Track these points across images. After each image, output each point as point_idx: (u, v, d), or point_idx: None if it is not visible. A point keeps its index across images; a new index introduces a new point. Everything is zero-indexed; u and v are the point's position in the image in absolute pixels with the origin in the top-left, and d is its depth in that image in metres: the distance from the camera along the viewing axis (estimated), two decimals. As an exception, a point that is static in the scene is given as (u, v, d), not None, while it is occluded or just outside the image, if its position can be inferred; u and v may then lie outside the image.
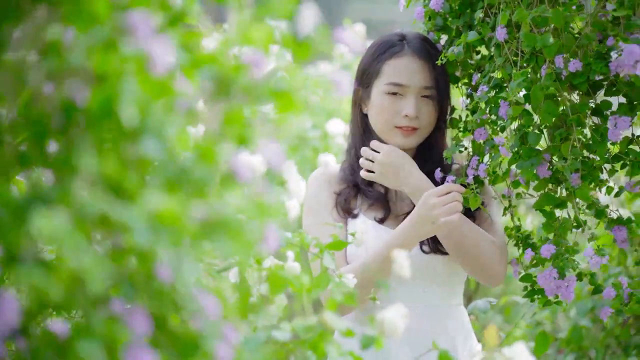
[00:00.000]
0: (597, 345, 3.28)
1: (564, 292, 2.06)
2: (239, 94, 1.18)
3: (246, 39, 1.20)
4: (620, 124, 1.99)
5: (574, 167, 2.00)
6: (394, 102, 2.26)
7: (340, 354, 1.50)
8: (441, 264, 2.26)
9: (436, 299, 2.28)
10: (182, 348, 1.15)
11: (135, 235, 1.04)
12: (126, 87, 1.04)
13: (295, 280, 1.59)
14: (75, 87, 1.05)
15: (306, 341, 1.50)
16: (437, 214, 2.11)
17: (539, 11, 1.95)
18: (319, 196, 2.31)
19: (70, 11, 1.04)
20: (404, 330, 2.08)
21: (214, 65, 1.18)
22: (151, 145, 1.07)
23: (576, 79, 1.99)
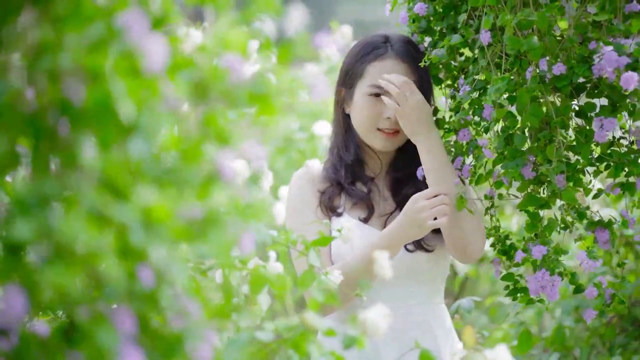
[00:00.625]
0: (581, 344, 3.30)
1: (549, 292, 2.08)
2: (217, 97, 1.20)
3: (224, 44, 1.22)
4: (607, 125, 2.01)
5: (560, 169, 2.03)
6: (376, 104, 2.27)
7: (322, 354, 1.52)
8: (425, 262, 2.28)
9: (420, 297, 2.29)
10: (164, 348, 1.16)
11: (132, 234, 1.06)
12: (117, 86, 1.06)
13: (277, 279, 1.60)
14: (70, 86, 1.07)
15: (288, 341, 1.51)
16: (424, 217, 2.13)
17: (524, 15, 1.96)
18: (302, 195, 2.31)
19: (64, 11, 1.06)
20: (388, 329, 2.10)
21: (193, 69, 1.20)
22: (138, 145, 1.09)
23: (560, 81, 2.01)
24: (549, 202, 2.11)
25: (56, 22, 1.06)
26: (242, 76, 1.22)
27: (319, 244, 1.74)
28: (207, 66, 1.21)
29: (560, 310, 3.34)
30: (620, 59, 1.91)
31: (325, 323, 1.51)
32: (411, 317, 2.28)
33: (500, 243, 2.21)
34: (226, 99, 1.21)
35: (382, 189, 2.35)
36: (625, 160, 2.07)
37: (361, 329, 1.50)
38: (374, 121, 2.27)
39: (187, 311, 1.17)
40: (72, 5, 1.07)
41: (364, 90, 2.28)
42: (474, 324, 3.64)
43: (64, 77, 1.06)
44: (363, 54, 2.30)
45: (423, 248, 2.27)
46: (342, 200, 2.31)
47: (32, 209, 1.04)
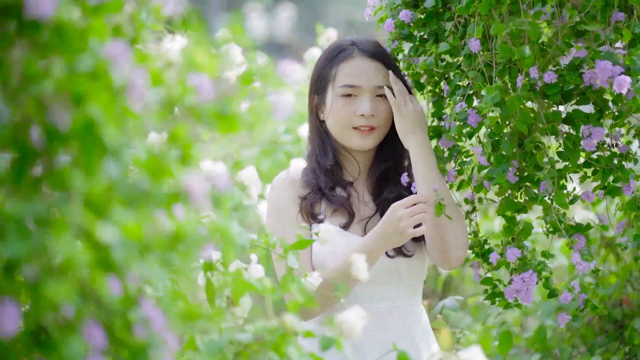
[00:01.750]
0: (562, 345, 3.33)
1: (523, 296, 2.12)
2: (183, 115, 1.26)
3: (193, 64, 1.28)
4: (595, 134, 2.05)
5: (552, 175, 2.07)
6: (349, 103, 2.30)
7: (302, 356, 1.55)
8: (405, 266, 2.31)
9: (400, 300, 2.32)
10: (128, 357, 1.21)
11: (113, 252, 1.11)
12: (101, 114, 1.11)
13: (258, 283, 1.64)
14: (56, 112, 1.12)
15: (269, 343, 1.55)
16: (404, 226, 2.15)
17: (516, 24, 1.99)
18: (283, 200, 2.32)
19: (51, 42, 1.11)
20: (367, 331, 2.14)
21: (160, 87, 1.25)
22: (111, 166, 1.14)
23: (550, 89, 2.05)
24: (526, 207, 2.15)
25: (43, 51, 1.11)
26: (209, 96, 1.27)
27: (297, 247, 1.77)
28: (175, 84, 1.26)
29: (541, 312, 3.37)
30: (614, 68, 1.95)
31: (305, 325, 1.55)
32: (390, 319, 2.31)
33: (478, 247, 2.25)
34: (192, 117, 1.26)
35: (362, 193, 2.37)
36: (612, 166, 2.11)
37: (338, 331, 1.53)
38: (348, 120, 2.30)
39: (151, 320, 1.21)
40: (58, 36, 1.12)
41: (336, 92, 2.31)
42: (457, 324, 3.67)
43: (50, 103, 1.11)
44: (331, 58, 2.33)
45: (403, 254, 2.31)
46: (323, 207, 2.33)
47: (25, 229, 1.09)
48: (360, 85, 2.30)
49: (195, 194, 1.23)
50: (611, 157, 2.13)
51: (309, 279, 1.77)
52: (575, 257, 2.09)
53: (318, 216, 2.31)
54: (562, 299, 2.12)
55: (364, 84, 2.30)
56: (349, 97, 2.30)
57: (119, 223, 1.15)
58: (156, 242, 1.19)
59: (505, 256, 2.14)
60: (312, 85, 2.39)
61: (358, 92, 2.30)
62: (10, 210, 1.09)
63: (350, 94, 2.30)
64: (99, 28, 1.14)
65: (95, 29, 1.14)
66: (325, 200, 2.33)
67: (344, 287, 1.74)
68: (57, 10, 1.12)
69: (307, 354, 1.54)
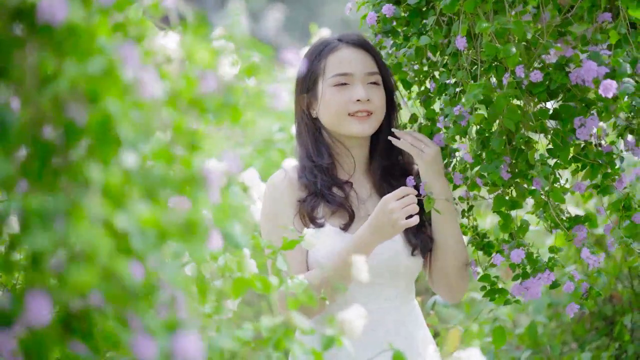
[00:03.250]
0: (553, 341, 3.36)
1: (532, 291, 2.14)
2: (188, 106, 1.29)
3: (192, 59, 1.31)
4: (589, 123, 2.07)
5: (545, 172, 2.09)
6: (343, 91, 2.32)
7: (304, 352, 1.57)
8: (404, 266, 2.33)
9: (398, 300, 2.34)
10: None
11: (133, 241, 1.15)
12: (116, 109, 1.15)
13: (260, 282, 1.66)
14: (73, 109, 1.15)
15: (269, 340, 1.57)
16: (396, 218, 2.18)
17: (502, 23, 2.02)
18: (279, 202, 2.32)
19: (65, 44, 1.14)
20: (367, 331, 2.17)
21: (166, 81, 1.29)
22: (129, 158, 1.18)
23: (536, 88, 2.08)
24: (519, 202, 2.18)
25: (56, 52, 1.15)
26: (211, 87, 1.31)
27: (286, 248, 1.79)
28: (178, 77, 1.30)
29: (532, 307, 3.40)
30: (599, 68, 1.97)
31: (306, 323, 1.57)
32: (388, 317, 2.33)
33: (478, 241, 2.29)
34: (196, 108, 1.30)
35: (360, 190, 2.38)
36: (602, 161, 2.14)
37: (339, 329, 1.56)
38: (344, 108, 2.31)
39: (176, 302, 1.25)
40: (70, 39, 1.15)
41: (328, 82, 2.33)
42: (449, 320, 3.70)
43: (66, 101, 1.14)
44: (317, 53, 2.36)
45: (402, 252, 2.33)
46: (322, 210, 2.33)
47: (48, 221, 1.13)
48: (352, 72, 2.32)
49: (211, 179, 1.26)
50: (599, 154, 2.16)
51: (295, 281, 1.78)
52: (585, 252, 2.12)
53: (318, 220, 2.31)
54: (566, 289, 2.14)
55: (355, 70, 2.32)
56: (342, 85, 2.32)
57: (136, 212, 1.18)
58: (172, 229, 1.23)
59: (510, 258, 2.16)
60: (299, 84, 2.40)
61: (350, 80, 2.32)
62: (33, 204, 1.12)
63: (342, 83, 2.32)
64: (106, 28, 1.18)
65: (102, 29, 1.18)
66: (324, 201, 2.33)
67: (342, 287, 1.76)
68: (68, 13, 1.15)
69: (310, 351, 1.56)
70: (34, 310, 1.11)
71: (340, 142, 2.37)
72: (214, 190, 1.29)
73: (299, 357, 1.53)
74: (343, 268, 2.19)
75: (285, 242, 1.81)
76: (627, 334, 3.16)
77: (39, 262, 1.14)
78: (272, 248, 1.76)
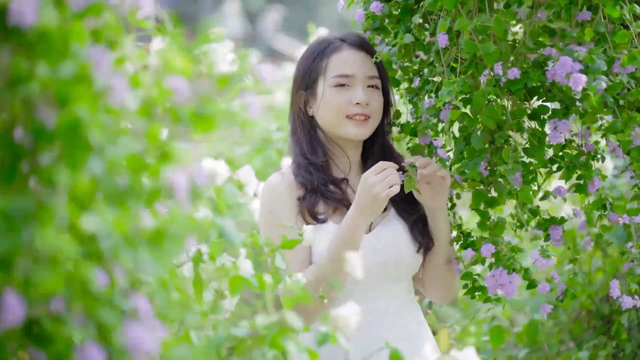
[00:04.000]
0: (551, 340, 3.37)
1: (507, 289, 2.15)
2: (162, 116, 1.31)
3: (168, 67, 1.32)
4: (561, 127, 2.08)
5: (515, 170, 2.10)
6: (343, 93, 2.32)
7: (300, 350, 1.58)
8: (404, 265, 2.33)
9: (398, 295, 2.35)
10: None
11: (100, 242, 1.15)
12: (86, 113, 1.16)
13: (257, 279, 1.67)
14: (43, 112, 1.16)
15: (265, 338, 1.57)
16: (378, 191, 2.18)
17: (481, 20, 2.03)
18: (279, 203, 2.32)
19: (39, 48, 1.15)
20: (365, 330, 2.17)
21: (139, 89, 1.30)
22: (96, 163, 1.19)
23: (514, 85, 2.08)
24: (498, 200, 2.19)
25: (27, 55, 1.16)
26: (185, 97, 1.33)
27: (285, 246, 1.80)
28: (152, 86, 1.31)
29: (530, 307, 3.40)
30: (574, 64, 1.98)
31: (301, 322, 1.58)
32: (387, 317, 2.33)
33: (462, 239, 2.30)
34: (171, 118, 1.31)
35: (355, 189, 2.37)
36: (577, 163, 2.15)
37: (333, 326, 1.57)
38: (343, 109, 2.32)
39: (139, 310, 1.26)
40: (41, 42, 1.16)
41: (328, 82, 2.33)
42: (447, 319, 3.70)
43: (36, 104, 1.15)
44: (319, 52, 2.36)
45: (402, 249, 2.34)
46: (322, 207, 2.33)
47: (14, 224, 1.13)
48: (354, 74, 2.33)
49: (178, 190, 1.27)
50: (578, 155, 2.17)
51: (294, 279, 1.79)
52: (534, 254, 2.12)
53: (319, 216, 2.32)
54: (540, 290, 2.16)
55: (356, 73, 2.33)
56: (342, 86, 2.33)
57: (104, 216, 1.20)
58: (140, 236, 1.24)
59: (480, 252, 2.18)
60: (297, 82, 2.40)
61: (351, 82, 2.33)
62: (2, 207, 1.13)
63: (343, 84, 2.33)
64: (79, 32, 1.19)
65: (75, 33, 1.19)
66: (323, 198, 2.33)
67: (339, 285, 1.77)
68: (40, 16, 1.16)
69: (304, 349, 1.57)
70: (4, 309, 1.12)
71: (335, 143, 2.38)
72: (182, 200, 1.31)
73: (293, 356, 1.54)
74: (337, 259, 2.20)
75: (284, 240, 1.82)
76: (625, 332, 3.16)
77: (5, 264, 1.14)
78: (271, 246, 1.77)
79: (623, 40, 2.00)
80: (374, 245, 2.31)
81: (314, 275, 2.20)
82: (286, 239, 1.81)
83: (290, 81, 4.68)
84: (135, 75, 1.33)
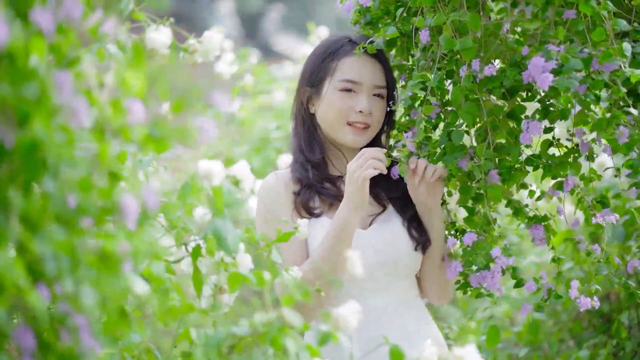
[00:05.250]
0: (551, 339, 3.37)
1: (489, 283, 2.15)
2: (115, 134, 1.32)
3: (124, 86, 1.33)
4: (532, 128, 2.08)
5: (487, 167, 2.10)
6: (348, 98, 2.31)
7: (300, 349, 1.57)
8: (403, 263, 2.33)
9: (398, 294, 2.35)
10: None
11: (47, 265, 1.16)
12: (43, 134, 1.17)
13: (255, 276, 1.66)
14: (2, 131, 1.18)
15: (265, 335, 1.57)
16: (357, 176, 2.19)
17: (458, 15, 2.03)
18: (277, 202, 2.33)
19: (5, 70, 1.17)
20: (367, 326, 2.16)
21: (94, 108, 1.31)
22: (49, 184, 1.21)
23: (490, 83, 2.08)
24: (482, 196, 2.18)
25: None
26: (139, 118, 1.35)
27: (281, 240, 1.80)
28: (107, 105, 1.33)
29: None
30: (546, 64, 1.97)
31: (300, 319, 1.57)
32: (386, 314, 2.33)
33: (455, 235, 2.30)
34: (123, 137, 1.33)
35: None
36: (552, 162, 2.14)
37: (334, 325, 1.56)
38: (344, 115, 2.31)
39: (79, 327, 1.27)
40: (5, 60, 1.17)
41: (335, 85, 2.32)
42: (446, 318, 3.71)
43: None
44: (330, 52, 2.34)
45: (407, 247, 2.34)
46: (318, 203, 2.34)
47: None
48: (362, 81, 2.32)
49: (127, 212, 1.30)
50: (567, 155, 2.17)
51: (291, 273, 1.79)
52: (496, 251, 2.12)
53: (314, 210, 2.32)
54: (527, 288, 2.16)
55: (365, 80, 2.32)
56: (348, 92, 2.32)
57: (52, 238, 1.21)
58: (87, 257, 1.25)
59: (462, 241, 2.17)
60: (304, 77, 2.39)
61: (358, 89, 2.32)
62: None
63: (349, 89, 2.32)
64: (41, 50, 1.20)
65: (36, 51, 1.20)
66: (318, 195, 2.34)
67: (339, 282, 1.77)
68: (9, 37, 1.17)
69: (304, 347, 1.57)
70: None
71: (333, 144, 2.38)
72: (131, 221, 1.32)
73: (292, 354, 1.54)
74: (330, 253, 2.20)
75: (279, 233, 1.82)
76: (625, 331, 3.16)
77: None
78: (266, 240, 1.77)
79: (600, 38, 1.99)
80: (372, 244, 2.31)
81: (309, 270, 2.21)
82: (280, 232, 1.81)
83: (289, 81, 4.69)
84: (90, 93, 1.34)
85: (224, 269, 1.69)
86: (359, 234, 2.31)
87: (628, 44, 2.01)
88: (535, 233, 2.20)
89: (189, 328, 1.64)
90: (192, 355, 1.60)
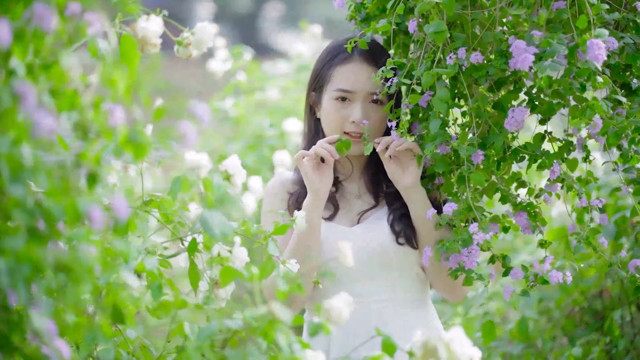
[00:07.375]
0: (544, 336, 3.37)
1: (467, 261, 2.14)
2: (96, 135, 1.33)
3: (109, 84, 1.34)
4: (517, 113, 2.07)
5: (470, 152, 2.11)
6: (342, 108, 2.32)
7: (290, 342, 1.58)
8: (391, 254, 2.34)
9: (392, 289, 2.35)
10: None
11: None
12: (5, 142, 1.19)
13: (246, 270, 1.67)
14: None
15: (257, 329, 1.58)
16: (304, 162, 2.26)
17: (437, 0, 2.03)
18: (275, 202, 2.37)
19: None
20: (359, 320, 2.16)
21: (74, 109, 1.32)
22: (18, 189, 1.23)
23: (476, 72, 2.08)
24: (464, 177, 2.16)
25: None
26: (120, 121, 1.36)
27: (276, 233, 1.81)
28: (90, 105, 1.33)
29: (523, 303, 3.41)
30: (528, 48, 1.97)
31: (290, 314, 1.58)
32: (386, 310, 2.33)
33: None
34: (104, 139, 1.33)
35: (360, 189, 2.40)
36: (538, 151, 2.15)
37: (326, 317, 1.57)
38: (340, 125, 2.32)
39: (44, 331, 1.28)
40: None
41: (330, 94, 2.33)
42: (440, 315, 3.71)
43: None
44: (330, 58, 2.36)
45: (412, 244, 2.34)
46: None
47: None
48: (355, 90, 2.32)
49: (94, 219, 1.31)
50: (564, 148, 2.17)
51: (288, 265, 1.80)
52: (473, 227, 2.11)
53: None
54: (513, 275, 2.16)
55: (358, 89, 2.32)
56: (343, 100, 2.33)
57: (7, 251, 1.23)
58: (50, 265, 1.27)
59: (444, 212, 2.17)
60: (311, 81, 2.41)
61: (352, 97, 2.32)
62: None
63: (344, 98, 2.33)
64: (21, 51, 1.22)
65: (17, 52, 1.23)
66: None
67: (331, 274, 1.77)
68: None
69: (295, 340, 1.57)
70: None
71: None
72: (97, 228, 1.33)
73: (283, 347, 1.55)
74: (297, 243, 2.25)
75: (276, 225, 1.83)
76: (617, 329, 3.17)
77: None
78: (262, 232, 1.78)
79: (583, 25, 1.99)
80: (355, 241, 2.31)
81: (288, 252, 2.24)
82: (278, 224, 1.82)
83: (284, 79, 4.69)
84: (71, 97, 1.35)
85: (219, 263, 1.70)
86: (344, 231, 2.33)
87: (604, 30, 2.00)
88: (520, 220, 2.20)
89: (183, 323, 1.65)
90: (185, 349, 1.60)
